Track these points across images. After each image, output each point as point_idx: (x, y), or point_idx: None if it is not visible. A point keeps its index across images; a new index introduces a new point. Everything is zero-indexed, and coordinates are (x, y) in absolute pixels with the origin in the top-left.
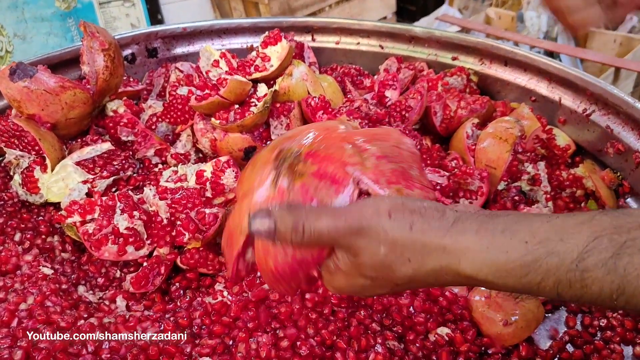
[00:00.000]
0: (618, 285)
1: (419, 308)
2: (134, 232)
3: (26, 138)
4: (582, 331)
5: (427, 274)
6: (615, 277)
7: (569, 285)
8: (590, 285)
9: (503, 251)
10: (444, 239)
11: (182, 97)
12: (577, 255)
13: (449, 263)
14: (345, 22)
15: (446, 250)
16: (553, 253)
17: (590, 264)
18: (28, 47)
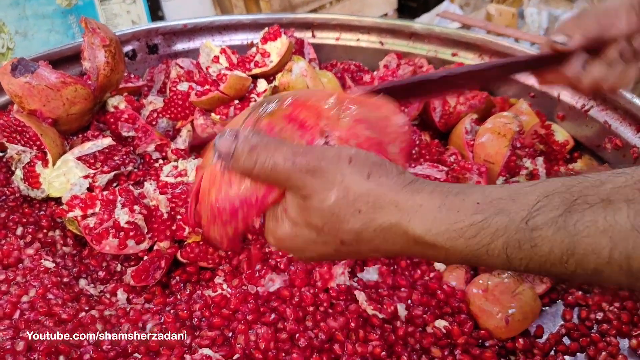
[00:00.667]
0: (568, 244)
1: (416, 301)
2: (134, 226)
3: (28, 133)
4: (579, 324)
5: (375, 231)
6: (565, 236)
7: (519, 246)
8: (540, 245)
9: (454, 210)
10: (398, 194)
11: (182, 93)
12: (527, 213)
13: (399, 220)
14: (345, 19)
15: (398, 206)
16: (503, 211)
17: (539, 222)
18: (29, 44)
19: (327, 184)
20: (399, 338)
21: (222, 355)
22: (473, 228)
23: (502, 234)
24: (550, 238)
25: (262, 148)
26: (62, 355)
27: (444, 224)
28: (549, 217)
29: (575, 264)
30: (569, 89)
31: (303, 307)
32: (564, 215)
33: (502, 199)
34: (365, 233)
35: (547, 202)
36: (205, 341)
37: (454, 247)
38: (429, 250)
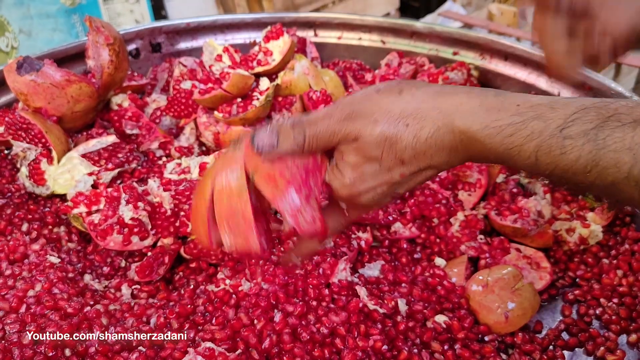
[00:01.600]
0: (594, 155)
1: (417, 297)
2: (138, 222)
3: (33, 131)
4: (578, 320)
5: (427, 140)
6: (593, 147)
7: (549, 151)
8: (568, 153)
9: (495, 109)
10: (435, 99)
11: (185, 91)
12: (563, 121)
13: (444, 121)
14: (347, 18)
15: (440, 109)
16: (540, 117)
17: (573, 132)
18: (33, 43)
19: (368, 117)
20: (399, 333)
21: (225, 349)
22: (511, 128)
23: (536, 137)
24: (580, 147)
25: (299, 123)
26: (68, 348)
27: (485, 121)
28: (582, 128)
29: (596, 175)
30: (570, 87)
31: (307, 301)
32: (596, 129)
33: (542, 105)
34: (420, 143)
35: (583, 114)
36: (208, 335)
37: (491, 144)
38: (472, 146)
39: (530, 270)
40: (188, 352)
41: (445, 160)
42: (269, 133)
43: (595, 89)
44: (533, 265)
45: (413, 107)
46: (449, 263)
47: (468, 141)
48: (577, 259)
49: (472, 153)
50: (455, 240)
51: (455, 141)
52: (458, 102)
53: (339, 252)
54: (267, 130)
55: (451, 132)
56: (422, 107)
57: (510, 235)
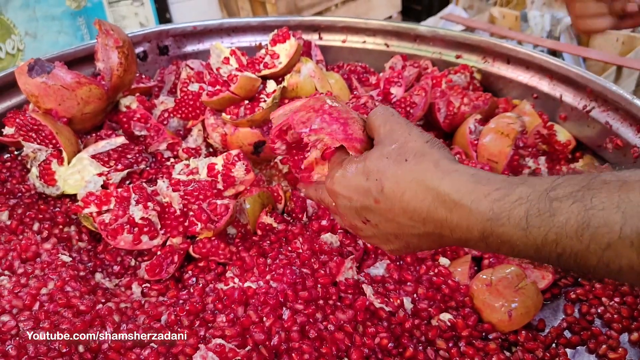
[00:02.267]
0: (583, 217)
1: (422, 295)
2: (148, 222)
3: (43, 132)
4: (580, 318)
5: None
6: (581, 209)
7: (539, 214)
8: (558, 215)
9: (484, 179)
10: (440, 160)
11: (193, 93)
12: (549, 185)
13: (433, 176)
14: (352, 21)
15: (437, 166)
16: (527, 183)
17: (560, 194)
18: (39, 45)
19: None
20: (405, 330)
21: (235, 345)
22: (498, 192)
23: (524, 201)
24: (568, 209)
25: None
26: (82, 345)
27: (471, 186)
28: (568, 190)
29: (590, 238)
30: (572, 90)
31: (314, 299)
32: (582, 190)
33: (528, 178)
34: (404, 180)
35: (568, 179)
36: (218, 332)
37: (477, 209)
38: (454, 211)
39: (533, 270)
40: (199, 349)
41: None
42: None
43: (595, 91)
44: (536, 264)
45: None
46: (453, 262)
47: (451, 203)
48: None
49: (454, 217)
50: None
51: (436, 199)
52: (455, 168)
53: (345, 252)
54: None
55: (434, 189)
56: (427, 157)
57: None
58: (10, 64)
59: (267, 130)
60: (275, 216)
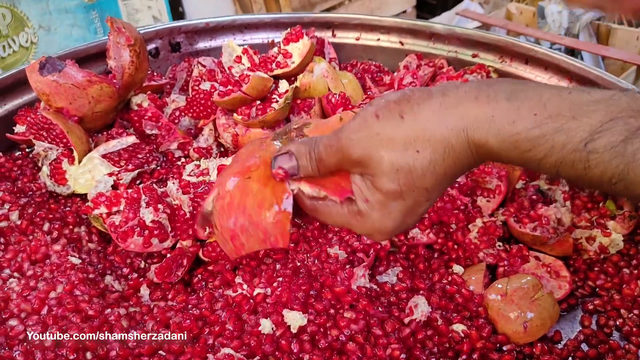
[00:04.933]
0: (621, 169)
1: (435, 304)
2: (158, 224)
3: (54, 131)
4: (597, 331)
5: (445, 159)
6: (621, 162)
7: (572, 165)
8: (593, 168)
9: (509, 121)
10: (442, 116)
11: (204, 92)
12: (588, 134)
13: (458, 138)
14: (366, 18)
15: (450, 127)
16: (562, 130)
17: (599, 146)
18: (52, 38)
19: (373, 151)
20: (417, 341)
21: (244, 355)
22: (529, 143)
23: (558, 151)
24: (606, 162)
25: (312, 147)
26: (89, 352)
27: (499, 135)
28: (609, 141)
29: (623, 187)
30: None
31: (325, 308)
32: (624, 141)
33: (562, 116)
34: (438, 168)
35: (610, 126)
36: (226, 340)
37: (508, 157)
38: (489, 157)
39: (549, 279)
40: (207, 358)
41: (465, 171)
42: (288, 158)
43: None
44: (552, 274)
45: (419, 130)
46: (467, 270)
47: (485, 153)
48: (597, 268)
49: (490, 160)
50: (473, 247)
51: (472, 154)
52: (466, 113)
53: (356, 259)
54: (286, 155)
55: (467, 148)
56: (429, 127)
57: (530, 243)
58: (23, 57)
59: None
60: None
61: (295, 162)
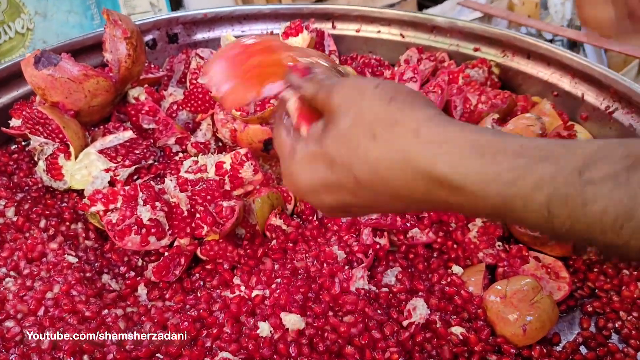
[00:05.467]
0: (626, 205)
1: (434, 306)
2: (156, 223)
3: (50, 126)
4: (596, 333)
5: (392, 165)
6: (625, 195)
7: (565, 202)
8: (592, 204)
9: (490, 151)
10: (420, 124)
11: (202, 86)
12: (582, 163)
13: (421, 153)
14: (366, 10)
15: (420, 137)
16: (551, 158)
17: (596, 175)
18: (49, 24)
19: (348, 104)
20: (416, 344)
21: (241, 359)
22: (511, 173)
23: (546, 184)
24: (607, 195)
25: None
26: (86, 355)
27: (476, 164)
28: (609, 169)
29: (631, 232)
30: (595, 90)
31: (324, 311)
32: (627, 169)
33: (552, 145)
34: (382, 166)
35: (608, 152)
36: (224, 344)
37: (484, 194)
38: (454, 196)
39: (548, 280)
40: None
41: (415, 200)
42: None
43: (619, 92)
44: (552, 275)
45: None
46: (466, 271)
47: (450, 188)
48: (596, 269)
49: (454, 202)
50: (472, 247)
51: (431, 183)
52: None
53: (355, 259)
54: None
55: (426, 172)
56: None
57: (529, 243)
58: (19, 44)
59: None
60: (285, 218)
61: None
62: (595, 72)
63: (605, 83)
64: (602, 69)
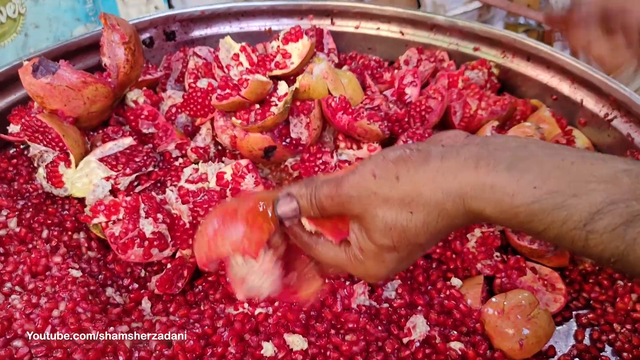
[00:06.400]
0: (621, 251)
1: (433, 321)
2: (158, 235)
3: (50, 134)
4: (590, 346)
5: (439, 222)
6: (620, 243)
7: (571, 242)
8: (593, 247)
9: (509, 193)
10: (438, 182)
11: (201, 90)
12: (588, 215)
13: (454, 205)
14: (366, 7)
15: (445, 192)
16: (563, 207)
17: (599, 227)
18: (40, 9)
19: (368, 207)
20: None
21: None
22: (529, 216)
23: (557, 227)
24: (606, 243)
25: (313, 191)
26: None
27: (498, 206)
28: (609, 223)
29: (622, 266)
30: (594, 96)
31: (325, 328)
32: (625, 224)
33: (563, 193)
34: (431, 228)
35: (611, 208)
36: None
37: (507, 225)
38: (487, 221)
39: (545, 292)
40: None
41: (461, 226)
42: (289, 200)
43: (619, 100)
44: (548, 287)
45: (414, 194)
46: (465, 283)
47: (482, 219)
48: (592, 280)
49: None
50: (471, 257)
51: (467, 219)
52: (465, 182)
53: None
54: (287, 198)
55: (463, 214)
56: (424, 192)
57: (527, 255)
58: (12, 29)
59: (278, 134)
60: None
61: (297, 205)
62: (595, 79)
63: (605, 91)
64: (602, 76)
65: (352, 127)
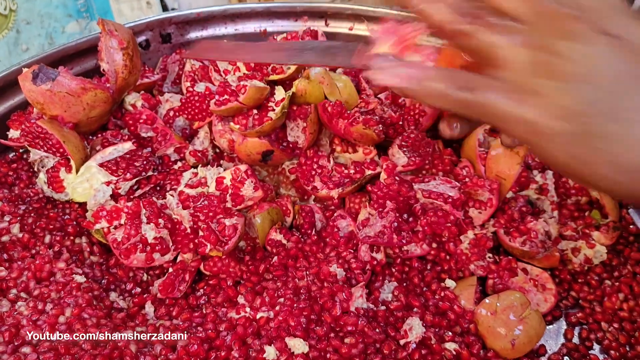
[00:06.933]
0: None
1: (428, 322)
2: (160, 240)
3: (51, 140)
4: (579, 344)
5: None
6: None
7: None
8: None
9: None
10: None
11: (199, 94)
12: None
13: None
14: (359, 9)
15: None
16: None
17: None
18: (32, 5)
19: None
20: None
21: None
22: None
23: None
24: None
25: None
26: None
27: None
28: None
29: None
30: None
31: (325, 332)
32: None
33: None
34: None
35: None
36: None
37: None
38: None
39: (536, 293)
40: None
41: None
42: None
43: None
44: (539, 287)
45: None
46: (458, 284)
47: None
48: (581, 279)
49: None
50: (464, 258)
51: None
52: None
53: (353, 276)
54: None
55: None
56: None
57: (519, 256)
58: (3, 25)
59: (275, 137)
60: (285, 233)
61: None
62: None
63: None
64: None
65: (348, 131)
